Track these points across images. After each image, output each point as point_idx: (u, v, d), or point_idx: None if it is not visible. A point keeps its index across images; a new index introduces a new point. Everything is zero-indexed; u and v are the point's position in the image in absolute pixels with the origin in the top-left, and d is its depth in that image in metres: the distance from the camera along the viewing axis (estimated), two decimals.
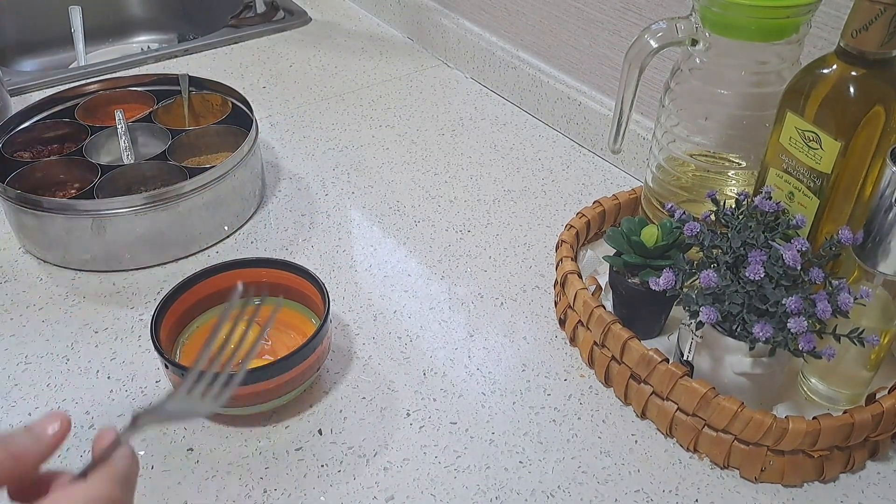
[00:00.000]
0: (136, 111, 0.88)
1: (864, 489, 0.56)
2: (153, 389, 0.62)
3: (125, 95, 0.89)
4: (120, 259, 0.74)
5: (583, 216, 0.74)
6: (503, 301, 0.72)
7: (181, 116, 0.89)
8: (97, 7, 1.34)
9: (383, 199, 0.85)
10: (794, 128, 0.55)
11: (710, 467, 0.57)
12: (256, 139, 0.81)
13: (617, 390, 0.62)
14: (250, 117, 0.83)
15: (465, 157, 0.92)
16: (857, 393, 0.59)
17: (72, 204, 0.71)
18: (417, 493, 0.55)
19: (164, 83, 0.90)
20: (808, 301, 0.51)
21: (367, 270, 0.75)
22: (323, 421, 0.60)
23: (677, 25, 0.61)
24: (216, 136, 0.85)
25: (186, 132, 0.84)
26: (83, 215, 0.71)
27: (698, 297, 0.54)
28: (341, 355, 0.66)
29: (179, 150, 0.83)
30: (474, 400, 0.62)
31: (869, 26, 0.50)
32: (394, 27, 1.23)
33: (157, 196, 0.72)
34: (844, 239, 0.52)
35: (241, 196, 0.79)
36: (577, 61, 0.93)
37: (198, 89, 0.90)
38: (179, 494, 0.55)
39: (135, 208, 0.71)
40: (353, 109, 1.02)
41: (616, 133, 0.68)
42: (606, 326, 0.61)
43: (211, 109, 0.90)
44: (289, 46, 1.18)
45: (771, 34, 0.58)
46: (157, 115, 0.86)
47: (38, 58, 1.33)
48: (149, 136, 0.85)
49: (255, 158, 0.82)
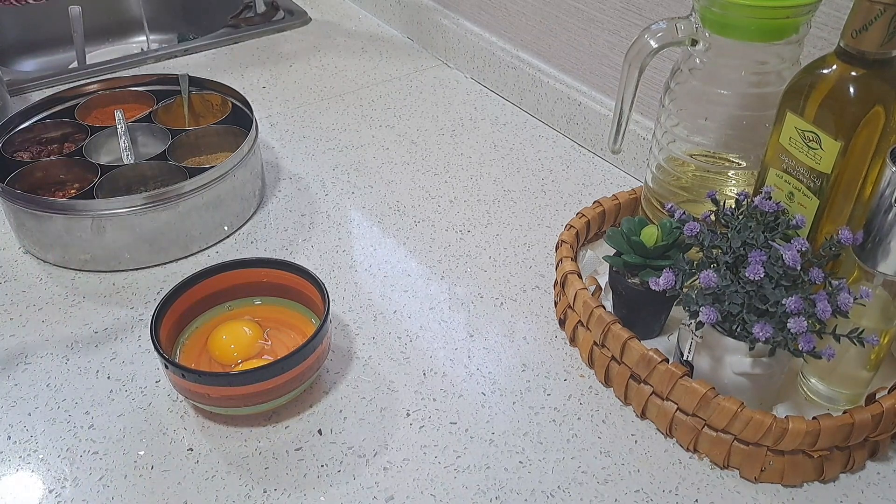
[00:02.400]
0: (136, 111, 0.88)
1: (863, 489, 0.56)
2: (153, 389, 0.62)
3: (125, 95, 0.89)
4: (120, 259, 0.74)
5: (583, 216, 0.74)
6: (503, 301, 0.72)
7: (181, 116, 0.89)
8: (97, 7, 1.34)
9: (383, 199, 0.85)
10: (794, 128, 0.55)
11: (710, 467, 0.57)
12: (256, 139, 0.81)
13: (617, 390, 0.62)
14: (250, 117, 0.83)
15: (465, 157, 0.92)
16: (857, 393, 0.59)
17: (71, 204, 0.71)
18: (417, 493, 0.55)
19: (164, 83, 0.90)
20: (807, 301, 0.51)
21: (367, 270, 0.75)
22: (323, 421, 0.60)
23: (677, 25, 0.61)
24: (216, 136, 0.85)
25: (186, 132, 0.84)
26: (83, 215, 0.71)
27: (698, 297, 0.54)
28: (341, 355, 0.66)
29: (179, 150, 0.83)
30: (474, 400, 0.62)
31: (869, 26, 0.50)
32: (394, 27, 1.23)
33: (156, 196, 0.72)
34: (844, 239, 0.52)
35: (241, 196, 0.79)
36: (577, 61, 0.93)
37: (198, 89, 0.90)
38: (179, 494, 0.55)
39: (134, 208, 0.71)
40: (353, 109, 1.02)
41: (616, 133, 0.68)
42: (606, 326, 0.61)
43: (211, 109, 0.90)
44: (289, 46, 1.18)
45: (771, 34, 0.58)
46: (156, 115, 0.86)
47: (38, 58, 1.33)
48: (149, 135, 0.85)
49: (256, 158, 0.82)
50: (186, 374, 0.56)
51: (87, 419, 0.60)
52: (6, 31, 1.30)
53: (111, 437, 0.59)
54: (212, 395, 0.57)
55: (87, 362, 0.65)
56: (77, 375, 0.64)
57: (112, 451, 0.58)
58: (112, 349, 0.66)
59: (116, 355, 0.66)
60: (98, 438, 0.59)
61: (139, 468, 0.56)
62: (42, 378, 0.64)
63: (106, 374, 0.64)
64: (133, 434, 0.59)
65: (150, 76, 0.91)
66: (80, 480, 0.56)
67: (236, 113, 0.87)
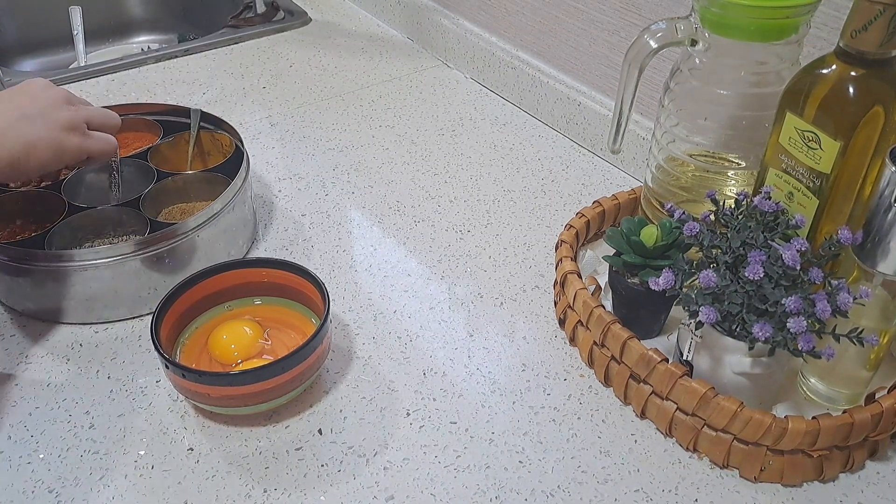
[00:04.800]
0: (140, 141, 0.82)
1: (863, 489, 0.56)
2: (153, 389, 0.63)
3: (136, 123, 0.83)
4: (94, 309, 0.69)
5: (582, 216, 0.74)
6: (503, 301, 0.72)
7: (185, 153, 0.82)
8: (97, 7, 1.34)
9: (383, 199, 0.85)
10: (794, 128, 0.55)
11: (710, 467, 0.57)
12: (235, 196, 0.73)
13: (616, 390, 0.62)
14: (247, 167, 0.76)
15: (465, 157, 0.92)
16: (857, 393, 0.59)
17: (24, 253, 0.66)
18: (417, 493, 0.55)
19: (176, 115, 0.84)
20: (807, 301, 0.51)
21: (367, 270, 0.75)
22: (323, 421, 0.60)
23: (677, 25, 0.61)
24: (206, 184, 0.78)
25: (173, 177, 0.77)
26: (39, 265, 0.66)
27: (698, 297, 0.54)
28: (341, 355, 0.66)
29: (163, 195, 0.77)
30: (474, 400, 0.62)
31: (868, 26, 0.50)
32: (394, 27, 1.23)
33: (105, 251, 0.66)
34: (844, 239, 0.52)
35: (209, 257, 0.72)
36: (577, 61, 0.93)
37: (214, 127, 0.83)
38: (179, 494, 0.55)
39: (83, 263, 0.65)
40: (353, 109, 1.02)
41: (616, 133, 0.68)
42: (606, 326, 0.61)
43: (220, 149, 0.82)
44: (289, 46, 1.18)
45: (770, 34, 0.58)
46: (158, 150, 0.80)
47: (38, 58, 1.33)
48: (140, 173, 0.78)
49: (240, 209, 0.74)
50: (187, 374, 0.56)
51: (88, 419, 0.60)
52: (6, 31, 1.30)
53: (111, 437, 0.59)
54: (212, 394, 0.57)
55: (87, 362, 0.65)
56: (77, 375, 0.64)
57: (112, 450, 0.58)
58: (112, 349, 0.66)
59: (117, 355, 0.66)
60: (98, 438, 0.59)
61: (139, 468, 0.57)
62: (42, 378, 0.64)
63: (106, 374, 0.64)
64: (133, 434, 0.59)
65: (163, 106, 0.85)
66: (81, 480, 0.56)
67: (239, 156, 0.79)
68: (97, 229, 0.74)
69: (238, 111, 1.01)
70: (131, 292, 0.68)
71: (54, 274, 0.66)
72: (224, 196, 0.71)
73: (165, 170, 0.78)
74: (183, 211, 0.78)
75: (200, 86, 1.07)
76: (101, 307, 0.68)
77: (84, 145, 0.63)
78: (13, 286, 0.69)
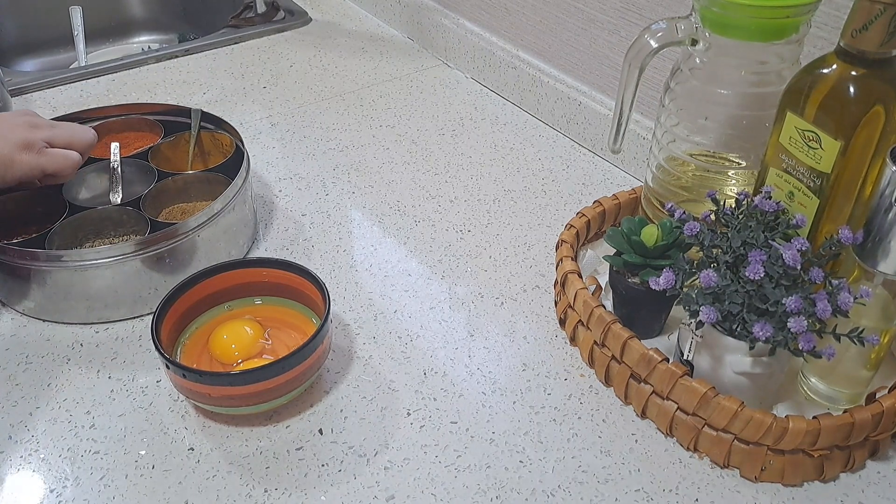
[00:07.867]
0: (141, 140, 0.82)
1: (864, 489, 0.56)
2: (154, 389, 0.63)
3: (137, 123, 0.84)
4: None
5: (583, 216, 0.74)
6: (503, 301, 0.72)
7: (186, 153, 0.82)
8: (97, 7, 1.34)
9: (383, 199, 0.85)
10: (794, 127, 0.55)
11: (711, 467, 0.57)
12: (233, 198, 0.73)
13: (617, 390, 0.62)
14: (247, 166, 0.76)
15: (465, 157, 0.92)
16: (857, 392, 0.59)
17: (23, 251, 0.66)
18: (418, 493, 0.55)
19: (177, 114, 0.84)
20: (807, 301, 0.51)
21: (367, 270, 0.75)
22: (323, 420, 0.60)
23: (677, 25, 0.61)
24: (207, 184, 0.78)
25: (173, 177, 0.77)
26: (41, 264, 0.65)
27: (698, 297, 0.54)
28: (342, 355, 0.66)
29: (164, 194, 0.77)
30: (475, 399, 0.62)
31: (869, 26, 0.50)
32: (394, 27, 1.23)
33: (104, 252, 0.66)
34: (844, 238, 0.52)
35: (210, 257, 0.72)
36: (577, 61, 0.93)
37: (214, 127, 0.83)
38: (180, 494, 0.55)
39: (83, 262, 0.65)
40: (353, 109, 1.02)
41: (616, 133, 0.68)
42: (606, 326, 0.61)
43: (221, 148, 0.83)
44: (289, 46, 1.18)
45: (771, 34, 0.58)
46: (159, 150, 0.80)
47: (39, 58, 1.33)
48: (141, 174, 0.78)
49: (241, 209, 0.74)
50: (187, 374, 0.56)
51: (88, 419, 0.60)
52: (6, 31, 1.30)
53: (112, 437, 0.59)
54: (213, 394, 0.57)
55: (87, 362, 0.65)
56: (77, 375, 0.64)
57: (113, 450, 0.58)
58: (112, 349, 0.66)
59: (117, 355, 0.66)
60: (99, 438, 0.59)
61: (140, 468, 0.57)
62: (43, 378, 0.64)
63: (107, 374, 0.64)
64: (134, 434, 0.59)
65: (163, 106, 0.85)
66: (82, 480, 0.56)
67: (239, 156, 0.79)
68: (98, 229, 0.74)
69: (238, 111, 1.01)
70: (132, 292, 0.68)
71: (55, 274, 0.66)
72: (224, 196, 0.71)
73: (166, 170, 0.78)
74: (183, 211, 0.78)
75: (201, 86, 1.07)
76: (102, 307, 0.68)
77: (37, 163, 0.67)
78: (13, 286, 0.69)
